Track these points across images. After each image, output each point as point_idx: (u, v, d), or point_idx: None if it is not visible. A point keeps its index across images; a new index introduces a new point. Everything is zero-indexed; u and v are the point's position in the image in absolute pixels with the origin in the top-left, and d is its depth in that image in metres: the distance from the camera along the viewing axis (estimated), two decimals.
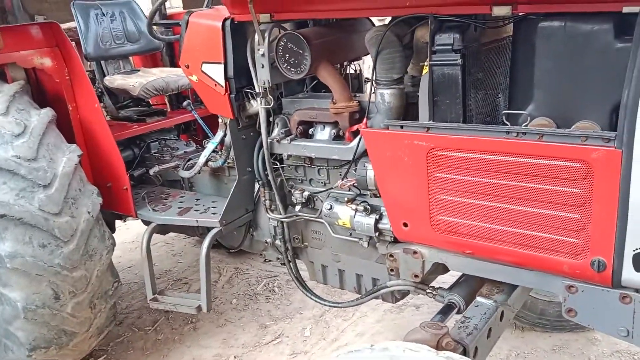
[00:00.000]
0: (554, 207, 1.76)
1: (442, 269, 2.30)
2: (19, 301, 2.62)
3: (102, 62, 3.74)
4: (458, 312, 2.20)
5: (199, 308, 2.93)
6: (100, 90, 3.61)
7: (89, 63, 3.78)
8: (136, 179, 3.45)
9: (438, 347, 1.77)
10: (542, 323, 3.36)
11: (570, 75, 1.74)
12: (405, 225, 2.16)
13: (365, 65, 3.09)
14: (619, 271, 1.70)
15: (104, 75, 3.70)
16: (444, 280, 2.55)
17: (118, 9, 3.82)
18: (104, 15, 3.73)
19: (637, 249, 1.64)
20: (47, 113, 2.84)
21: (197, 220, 2.96)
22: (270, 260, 4.48)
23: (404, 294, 2.62)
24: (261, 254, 3.17)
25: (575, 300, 1.85)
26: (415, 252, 2.23)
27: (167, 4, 4.09)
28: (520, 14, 1.79)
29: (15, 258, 2.55)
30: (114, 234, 3.13)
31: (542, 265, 1.88)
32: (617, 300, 1.75)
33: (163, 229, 3.38)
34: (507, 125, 1.84)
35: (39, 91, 3.23)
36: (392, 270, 2.36)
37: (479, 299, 2.16)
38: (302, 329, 3.66)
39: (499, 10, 1.76)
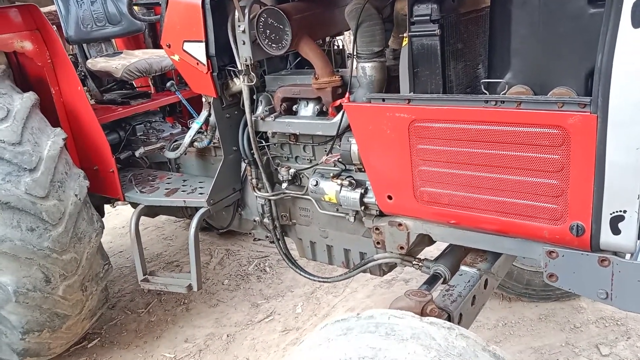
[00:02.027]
0: (533, 173, 1.78)
1: (427, 240, 2.34)
2: (9, 285, 2.64)
3: (84, 45, 3.70)
4: (444, 282, 2.24)
5: (189, 287, 2.95)
6: (83, 73, 3.58)
7: (70, 47, 3.74)
8: (122, 162, 3.45)
9: (422, 314, 1.80)
10: (528, 293, 3.43)
11: (545, 42, 1.75)
12: (390, 198, 2.18)
13: (348, 41, 3.08)
14: (597, 235, 1.74)
15: (87, 59, 3.67)
16: (431, 254, 2.59)
17: None
18: None
19: (613, 212, 1.67)
20: (30, 97, 2.83)
21: (184, 201, 2.97)
22: (259, 239, 4.52)
23: (391, 266, 2.66)
24: (250, 233, 3.18)
25: (556, 265, 1.89)
26: (400, 225, 2.26)
27: None
28: None
29: (4, 242, 2.56)
30: (103, 219, 3.14)
31: (523, 231, 1.91)
32: (596, 264, 1.79)
33: (152, 211, 3.39)
34: (486, 94, 1.86)
35: (22, 75, 3.20)
36: (378, 243, 2.39)
37: (463, 267, 2.20)
38: (294, 306, 3.71)
39: None
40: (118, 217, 5.34)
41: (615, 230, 1.70)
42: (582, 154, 1.66)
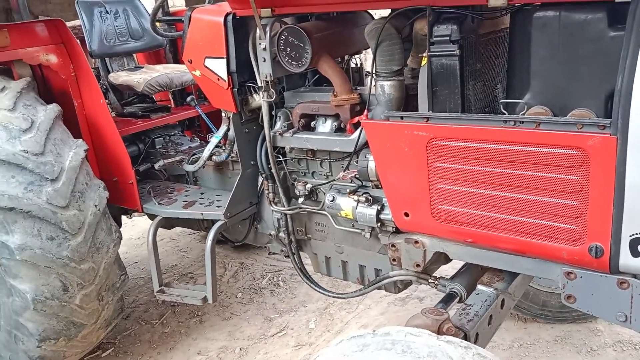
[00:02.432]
0: (551, 194, 1.78)
1: (443, 258, 2.33)
2: (28, 293, 2.67)
3: (107, 59, 3.79)
4: (460, 301, 2.24)
5: (204, 299, 2.97)
6: (105, 86, 3.66)
7: (93, 60, 3.83)
8: (141, 174, 3.50)
9: (439, 332, 1.80)
10: (544, 314, 3.39)
11: (565, 64, 1.76)
12: (407, 215, 2.19)
13: (364, 58, 3.12)
14: (616, 257, 1.73)
15: (109, 72, 3.75)
16: (446, 273, 2.59)
17: (122, 7, 3.86)
18: (107, 13, 3.77)
19: (633, 235, 1.67)
20: (54, 109, 2.89)
21: (202, 214, 3.00)
22: (274, 253, 4.51)
23: (407, 284, 2.65)
24: (265, 247, 3.20)
25: (574, 287, 1.87)
26: (416, 242, 2.26)
27: (170, 2, 4.14)
28: (516, 4, 1.82)
29: (25, 250, 2.61)
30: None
31: (541, 252, 1.90)
32: (615, 286, 1.77)
33: (168, 223, 3.42)
34: (504, 114, 1.87)
35: (45, 87, 3.27)
36: (394, 260, 2.38)
37: (479, 287, 2.19)
38: (307, 321, 3.71)
39: (496, 1, 1.79)
40: (134, 228, 5.39)
41: (635, 253, 1.69)
42: (602, 176, 1.66)
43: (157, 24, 3.09)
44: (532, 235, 1.88)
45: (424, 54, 2.01)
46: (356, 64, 2.90)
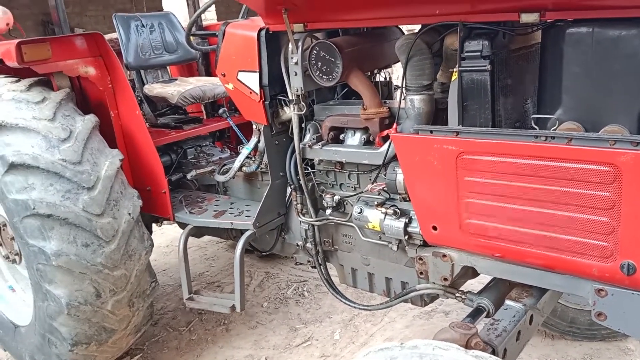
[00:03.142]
0: (582, 210, 1.77)
1: (471, 272, 2.33)
2: (62, 298, 2.75)
3: (142, 71, 3.89)
4: (487, 316, 2.22)
5: (232, 308, 3.01)
6: (139, 98, 3.76)
7: (128, 72, 3.94)
8: (173, 184, 3.57)
9: (467, 346, 1.80)
10: (572, 331, 3.33)
11: (598, 80, 1.77)
12: (435, 228, 2.20)
13: (395, 74, 3.15)
14: None
15: (143, 84, 3.85)
16: (472, 287, 2.58)
17: (157, 21, 3.98)
18: (143, 26, 3.89)
19: None
20: (91, 119, 2.99)
21: (231, 223, 3.05)
22: (301, 263, 4.55)
23: (433, 297, 2.65)
24: (292, 257, 3.23)
25: (605, 304, 1.85)
26: (444, 256, 2.26)
27: (202, 16, 4.24)
28: (548, 20, 1.83)
29: (60, 256, 2.69)
30: None
31: (571, 268, 1.89)
32: None
33: (198, 232, 3.49)
34: (535, 129, 1.87)
35: (83, 98, 3.38)
36: (421, 273, 2.39)
37: (508, 302, 2.18)
38: (332, 332, 3.72)
39: (527, 18, 1.80)
40: (162, 236, 5.49)
41: None
42: (634, 192, 1.65)
43: (191, 38, 3.16)
44: (562, 251, 1.87)
45: (455, 69, 2.02)
46: (385, 78, 2.93)
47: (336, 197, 2.70)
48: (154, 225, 3.82)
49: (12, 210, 2.75)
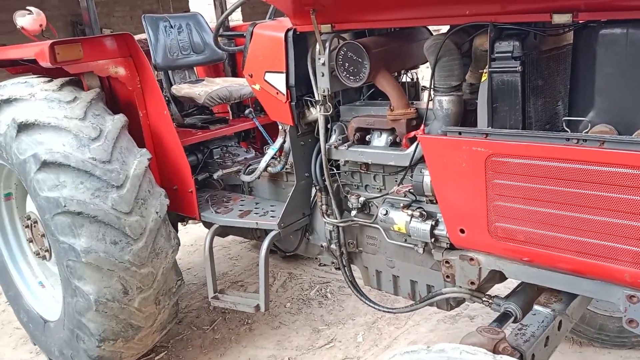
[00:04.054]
0: (614, 214, 1.73)
1: (498, 276, 2.29)
2: (91, 294, 2.80)
3: (169, 72, 3.94)
4: (514, 321, 2.19)
5: (257, 307, 3.02)
6: (167, 98, 3.81)
7: (156, 72, 3.99)
8: (199, 183, 3.61)
9: (495, 351, 1.78)
10: (601, 338, 3.26)
11: (631, 82, 1.72)
12: (462, 231, 2.17)
13: (421, 74, 3.13)
14: None
15: (171, 84, 3.90)
16: (499, 292, 2.54)
17: (185, 22, 4.02)
18: (172, 27, 3.94)
19: None
20: (120, 119, 3.04)
21: (257, 223, 3.07)
22: (325, 265, 4.55)
23: (459, 301, 2.62)
24: (316, 258, 3.24)
25: (637, 311, 1.81)
26: (471, 259, 2.24)
27: (229, 17, 4.27)
28: (580, 21, 1.80)
29: (90, 253, 2.74)
30: None
31: (602, 273, 1.85)
32: None
33: (224, 231, 3.51)
34: (567, 132, 1.84)
35: (112, 98, 3.44)
36: (447, 276, 2.36)
37: (536, 307, 2.14)
38: (355, 334, 3.71)
39: (559, 18, 1.77)
40: (187, 235, 5.55)
41: None
42: None
43: (219, 38, 3.19)
44: (592, 256, 1.83)
45: (484, 70, 2.00)
46: (412, 79, 2.92)
47: (361, 199, 2.69)
48: (178, 224, 3.86)
49: (44, 208, 2.81)
